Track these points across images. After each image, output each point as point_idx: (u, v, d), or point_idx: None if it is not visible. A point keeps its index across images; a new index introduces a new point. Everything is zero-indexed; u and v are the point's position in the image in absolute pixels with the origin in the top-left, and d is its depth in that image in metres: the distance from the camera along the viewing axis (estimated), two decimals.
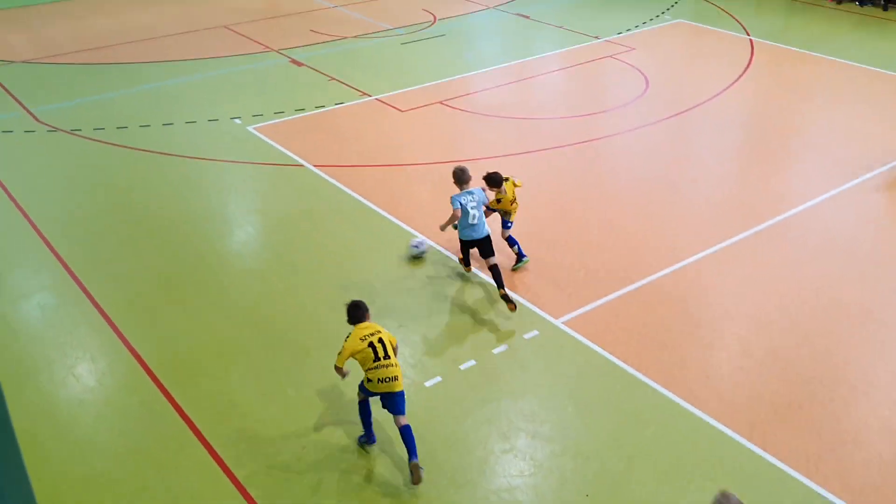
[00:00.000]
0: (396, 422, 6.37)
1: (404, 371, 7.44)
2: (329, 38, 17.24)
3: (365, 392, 6.54)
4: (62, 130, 12.88)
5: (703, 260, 9.24)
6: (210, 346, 7.95)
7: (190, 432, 6.86)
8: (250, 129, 12.82)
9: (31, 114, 13.49)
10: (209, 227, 10.22)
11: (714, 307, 8.43)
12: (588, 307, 8.43)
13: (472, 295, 8.70)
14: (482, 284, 8.85)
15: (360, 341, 6.40)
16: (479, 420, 6.95)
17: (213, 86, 14.73)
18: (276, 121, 13.12)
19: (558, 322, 8.18)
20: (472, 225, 8.43)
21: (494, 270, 8.37)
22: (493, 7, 19.49)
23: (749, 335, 7.98)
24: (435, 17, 18.65)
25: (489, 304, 8.49)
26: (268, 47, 16.73)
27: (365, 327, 6.53)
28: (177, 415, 7.06)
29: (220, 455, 6.61)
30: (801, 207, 10.35)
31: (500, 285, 8.30)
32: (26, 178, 11.42)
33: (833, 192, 10.70)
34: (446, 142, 12.36)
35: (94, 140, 12.55)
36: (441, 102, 13.69)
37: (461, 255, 9.01)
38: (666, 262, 9.19)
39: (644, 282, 8.83)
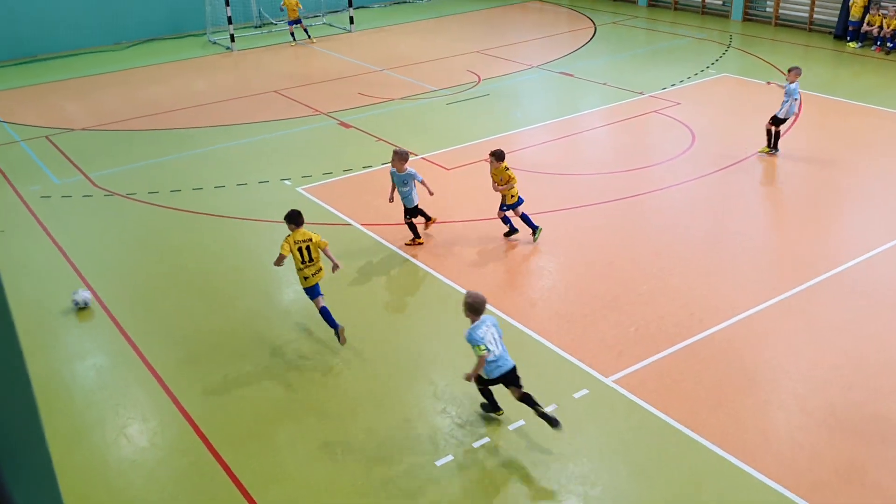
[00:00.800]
0: (316, 303, 8.81)
1: (452, 430, 7.39)
2: (376, 101, 17.56)
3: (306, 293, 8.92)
4: (118, 194, 13.25)
5: (756, 315, 9.05)
6: (259, 407, 7.97)
7: (239, 495, 6.84)
8: (300, 189, 13.04)
9: (89, 179, 13.92)
10: (259, 287, 10.34)
11: (769, 364, 8.22)
12: (639, 365, 8.28)
13: (521, 353, 8.61)
14: (528, 342, 8.76)
15: (293, 244, 8.61)
16: (528, 482, 6.81)
17: (263, 149, 15.06)
18: (325, 181, 13.33)
19: (609, 380, 8.04)
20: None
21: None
22: (537, 66, 19.71)
23: (807, 392, 7.74)
24: (479, 78, 18.91)
25: (538, 363, 8.40)
26: (317, 110, 17.09)
27: (300, 233, 8.66)
28: (227, 477, 7.05)
29: None
30: (857, 260, 10.12)
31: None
32: (83, 241, 11.73)
33: (890, 244, 10.45)
34: (491, 198, 12.38)
35: (149, 203, 12.87)
36: (486, 160, 13.76)
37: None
38: (718, 317, 9.02)
39: (696, 338, 8.66)
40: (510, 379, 7.22)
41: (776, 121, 13.34)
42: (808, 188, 12.44)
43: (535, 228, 11.04)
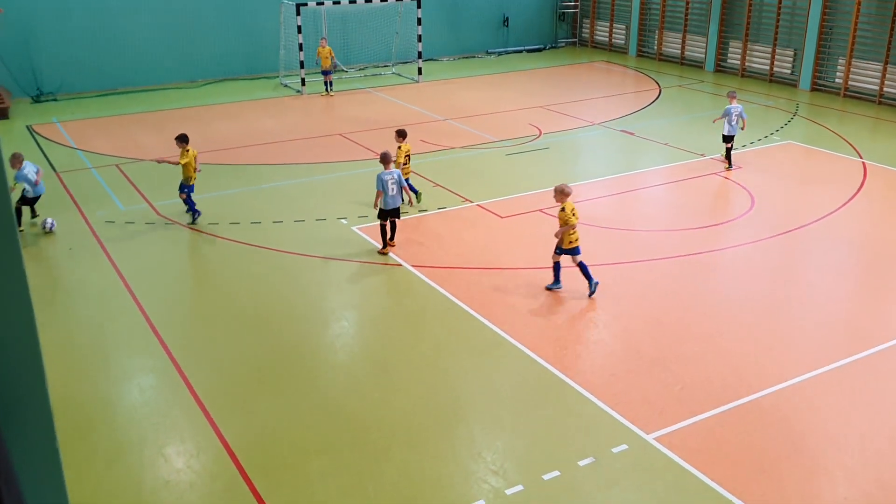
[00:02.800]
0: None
1: (485, 475, 7.33)
2: (437, 148, 17.81)
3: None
4: (179, 224, 13.62)
5: (807, 382, 8.79)
6: (295, 437, 8.01)
7: None
8: (355, 228, 13.23)
9: (153, 207, 14.35)
10: (306, 320, 10.46)
11: (818, 433, 7.95)
12: (682, 424, 8.09)
13: (560, 402, 8.51)
14: (570, 393, 8.65)
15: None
16: None
17: (324, 188, 15.35)
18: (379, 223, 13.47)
19: (649, 437, 7.87)
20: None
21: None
22: (598, 123, 19.78)
23: (855, 464, 7.46)
24: (540, 132, 19.05)
25: (579, 415, 8.28)
26: (378, 154, 17.36)
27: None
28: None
29: None
30: None
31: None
32: (141, 265, 12.05)
33: None
34: (543, 248, 12.37)
35: (207, 234, 13.19)
36: (541, 211, 13.82)
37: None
38: (768, 381, 8.79)
39: (743, 401, 8.44)
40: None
41: (725, 139, 15.88)
42: (868, 258, 12.14)
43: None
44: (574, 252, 10.81)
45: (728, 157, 16.09)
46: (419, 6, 24.72)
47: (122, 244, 12.75)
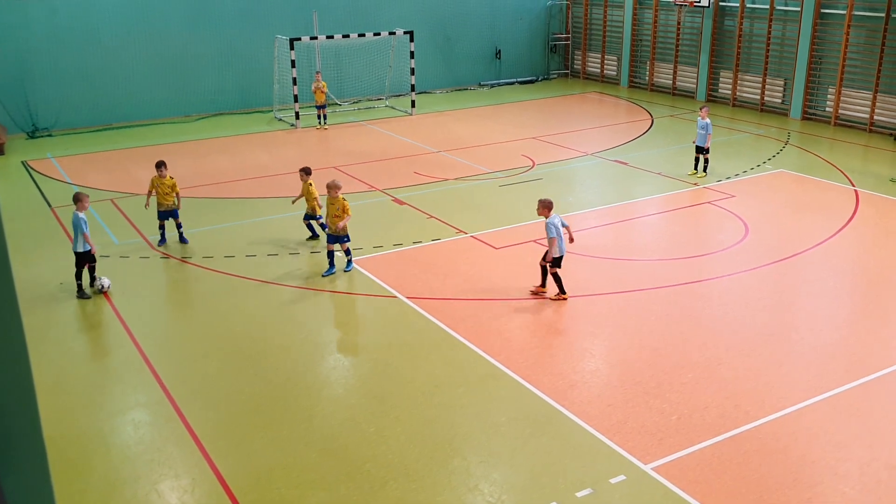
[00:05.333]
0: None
1: None
2: (431, 180, 17.88)
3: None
4: (174, 257, 13.61)
5: (804, 410, 8.77)
6: (291, 472, 7.94)
7: None
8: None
9: (147, 241, 14.34)
10: (302, 353, 10.42)
11: (816, 461, 7.92)
12: (680, 453, 8.05)
13: (557, 433, 8.46)
14: (567, 424, 8.61)
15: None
16: None
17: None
18: (375, 254, 13.51)
19: (648, 468, 7.83)
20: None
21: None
22: (592, 154, 19.91)
23: (854, 493, 7.41)
24: (534, 163, 19.15)
25: (576, 445, 8.23)
26: (373, 187, 17.45)
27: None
28: None
29: None
30: None
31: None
32: (136, 300, 12.01)
33: None
34: (538, 278, 12.39)
35: (202, 267, 13.17)
36: (535, 241, 13.85)
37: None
38: (765, 410, 8.77)
39: (740, 430, 8.42)
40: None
41: (699, 149, 17.36)
42: (863, 286, 12.17)
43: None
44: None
45: (696, 165, 17.63)
46: (412, 40, 24.97)
47: (116, 278, 12.71)
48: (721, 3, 25.71)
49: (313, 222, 14.23)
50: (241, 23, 25.49)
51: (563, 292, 11.62)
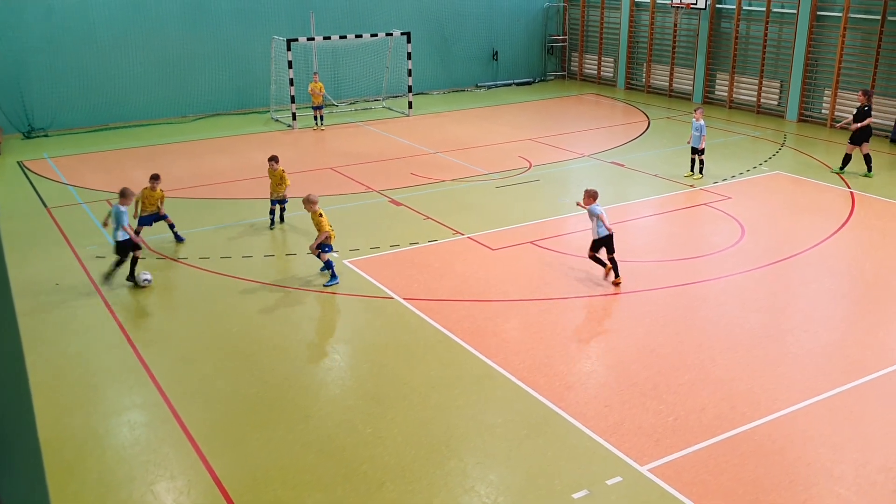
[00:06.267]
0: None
1: None
2: (427, 181, 17.88)
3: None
4: (169, 258, 13.59)
5: (800, 411, 8.78)
6: (287, 473, 7.93)
7: None
8: (346, 262, 13.22)
9: (143, 243, 14.28)
10: (298, 354, 10.41)
11: (812, 462, 7.93)
12: (676, 455, 8.06)
13: (554, 434, 8.46)
14: (564, 425, 8.61)
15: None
16: None
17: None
18: (372, 255, 13.50)
19: (643, 469, 7.83)
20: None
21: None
22: (588, 155, 19.92)
23: (850, 494, 7.42)
24: (531, 164, 19.16)
25: (572, 446, 8.23)
26: (370, 188, 17.44)
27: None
28: None
29: None
30: None
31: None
32: (131, 300, 11.99)
33: None
34: (535, 279, 12.41)
35: (198, 268, 13.16)
36: (532, 242, 13.86)
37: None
38: (760, 412, 8.77)
39: (736, 431, 8.42)
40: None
41: (694, 150, 17.52)
42: (859, 287, 12.19)
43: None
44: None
45: (692, 167, 17.80)
46: (409, 41, 24.97)
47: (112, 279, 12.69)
48: (717, 5, 25.75)
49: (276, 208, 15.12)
50: (238, 23, 25.47)
51: (616, 276, 12.30)
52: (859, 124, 17.74)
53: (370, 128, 23.67)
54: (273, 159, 15.05)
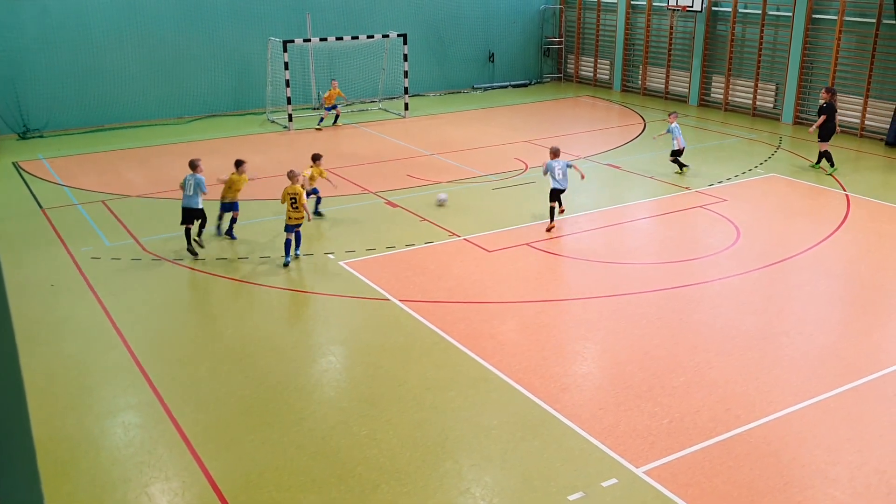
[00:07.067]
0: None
1: None
2: (424, 183, 17.88)
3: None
4: (165, 259, 13.57)
5: (795, 414, 8.80)
6: (282, 475, 7.92)
7: None
8: (342, 263, 13.21)
9: (139, 243, 14.30)
10: (293, 356, 10.40)
11: (807, 465, 7.94)
12: (671, 457, 8.07)
13: (549, 436, 8.46)
14: (559, 427, 8.61)
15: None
16: None
17: (311, 223, 15.31)
18: (368, 257, 13.49)
19: (639, 471, 7.84)
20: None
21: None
22: (584, 157, 19.93)
23: (845, 497, 7.44)
24: (527, 166, 19.17)
25: (568, 448, 8.23)
26: (366, 189, 17.44)
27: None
28: None
29: None
30: None
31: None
32: (126, 301, 11.97)
33: None
34: (531, 281, 12.42)
35: (194, 269, 13.14)
36: (528, 244, 13.86)
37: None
38: (755, 414, 8.78)
39: (731, 433, 8.43)
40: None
41: (674, 153, 18.19)
42: (854, 289, 12.22)
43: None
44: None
45: (681, 165, 18.38)
46: (405, 42, 24.97)
47: (107, 280, 12.68)
48: (714, 8, 25.80)
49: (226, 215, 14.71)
50: (235, 24, 25.45)
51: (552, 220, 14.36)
52: (819, 120, 18.41)
53: (366, 129, 23.66)
54: (237, 163, 14.64)
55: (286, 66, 23.18)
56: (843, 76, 22.35)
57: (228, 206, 14.45)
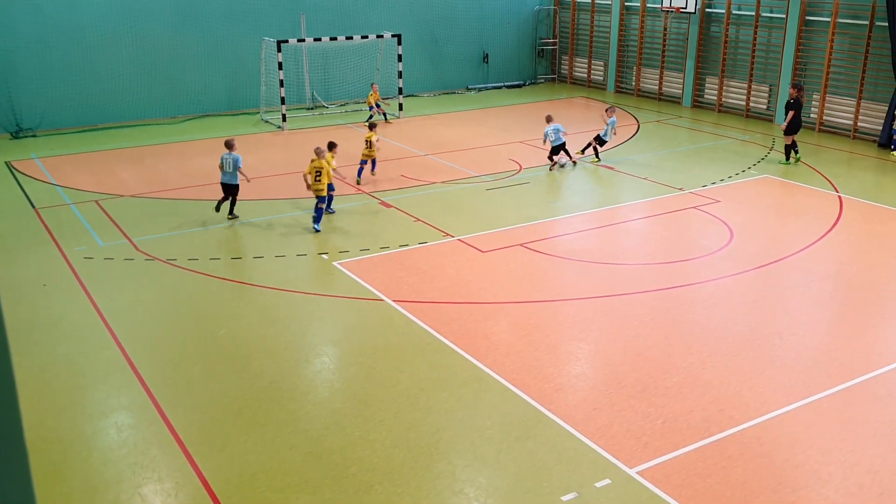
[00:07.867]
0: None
1: None
2: (418, 183, 17.88)
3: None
4: (159, 259, 13.54)
5: (788, 414, 8.82)
6: (275, 475, 7.91)
7: None
8: (336, 264, 13.20)
9: (132, 243, 14.26)
10: (287, 357, 10.38)
11: (799, 465, 7.96)
12: (665, 457, 8.08)
13: (543, 437, 8.47)
14: (553, 427, 8.62)
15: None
16: None
17: (304, 223, 15.32)
18: (361, 257, 13.49)
19: (632, 471, 7.85)
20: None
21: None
22: (579, 158, 19.95)
23: (837, 497, 7.46)
24: (521, 166, 19.18)
25: (561, 448, 8.24)
26: (360, 189, 17.43)
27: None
28: None
29: None
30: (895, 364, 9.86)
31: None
32: (120, 302, 11.94)
33: None
34: (525, 282, 12.43)
35: (187, 269, 13.11)
36: (522, 245, 13.87)
37: None
38: (748, 415, 8.80)
39: (725, 434, 8.45)
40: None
41: (599, 141, 19.40)
42: (847, 290, 12.26)
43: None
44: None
45: (595, 153, 19.63)
46: (400, 43, 24.97)
47: (100, 280, 12.65)
48: (707, 10, 25.86)
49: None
50: (229, 24, 25.41)
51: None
52: (788, 116, 18.93)
53: (361, 130, 23.63)
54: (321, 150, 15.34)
55: (280, 66, 23.16)
56: (836, 78, 22.42)
57: (322, 198, 15.04)
